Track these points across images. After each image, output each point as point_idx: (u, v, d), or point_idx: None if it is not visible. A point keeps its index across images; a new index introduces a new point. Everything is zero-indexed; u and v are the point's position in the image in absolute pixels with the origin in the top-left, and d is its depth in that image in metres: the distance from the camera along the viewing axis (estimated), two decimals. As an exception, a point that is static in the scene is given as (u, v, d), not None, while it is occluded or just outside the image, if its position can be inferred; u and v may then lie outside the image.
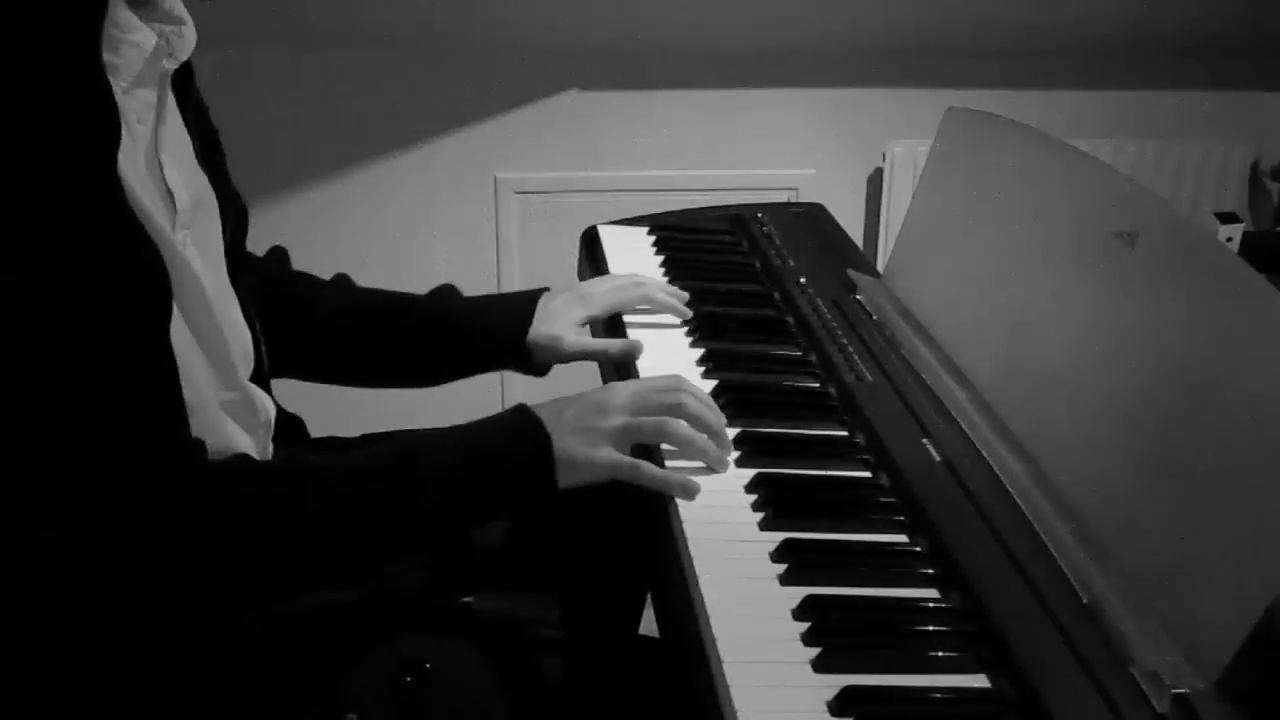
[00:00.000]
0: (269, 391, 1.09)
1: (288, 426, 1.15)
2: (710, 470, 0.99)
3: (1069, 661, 0.78)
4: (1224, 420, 0.80)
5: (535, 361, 1.24)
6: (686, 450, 0.99)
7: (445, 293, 1.27)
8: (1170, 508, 0.83)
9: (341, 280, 1.28)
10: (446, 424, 0.99)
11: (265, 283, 1.19)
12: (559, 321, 1.23)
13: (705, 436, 1.00)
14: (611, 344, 1.23)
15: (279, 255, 1.27)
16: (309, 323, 1.22)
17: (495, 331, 1.23)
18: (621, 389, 1.01)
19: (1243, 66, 2.41)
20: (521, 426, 0.97)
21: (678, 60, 2.29)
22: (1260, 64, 2.41)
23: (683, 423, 0.99)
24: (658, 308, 1.28)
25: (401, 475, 0.92)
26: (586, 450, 0.95)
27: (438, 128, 2.30)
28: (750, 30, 2.26)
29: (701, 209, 1.62)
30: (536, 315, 1.23)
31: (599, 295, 1.26)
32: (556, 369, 1.26)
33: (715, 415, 1.01)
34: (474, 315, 1.24)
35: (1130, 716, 0.74)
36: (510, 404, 0.99)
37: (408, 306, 1.25)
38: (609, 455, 0.96)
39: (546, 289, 1.27)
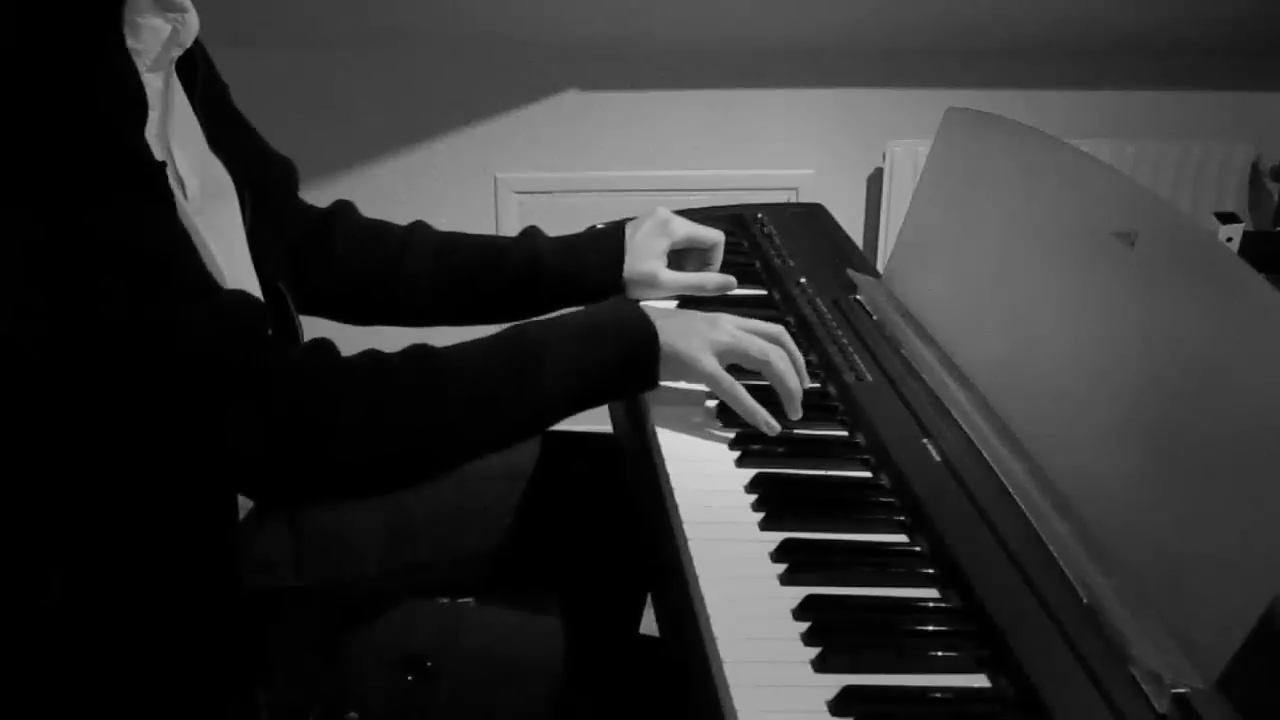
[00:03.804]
0: None
1: None
2: (712, 461, 1.01)
3: (1069, 661, 0.78)
4: (1224, 420, 0.80)
5: (629, 297, 1.26)
6: (779, 383, 1.04)
7: (534, 233, 1.30)
8: (1170, 507, 0.83)
9: (422, 225, 1.30)
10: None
11: (349, 229, 1.24)
12: (647, 255, 1.26)
13: (796, 383, 1.04)
14: (708, 278, 1.28)
15: (348, 205, 1.29)
16: (402, 265, 1.25)
17: (591, 272, 1.26)
18: (729, 316, 1.07)
19: (1243, 66, 2.41)
20: (629, 314, 1.03)
21: (678, 60, 2.29)
22: (1260, 64, 2.41)
23: (785, 357, 1.04)
24: (710, 264, 1.32)
25: (521, 357, 0.97)
26: (691, 352, 1.02)
27: (438, 128, 2.30)
28: (750, 30, 2.26)
29: (701, 209, 1.62)
30: (627, 252, 1.26)
31: (680, 224, 1.29)
32: None
33: (804, 374, 1.07)
34: (566, 256, 1.27)
35: (1130, 716, 0.74)
36: None
37: (502, 249, 1.28)
38: (712, 363, 1.02)
39: (631, 218, 1.30)
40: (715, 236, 1.31)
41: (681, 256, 1.33)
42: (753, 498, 0.96)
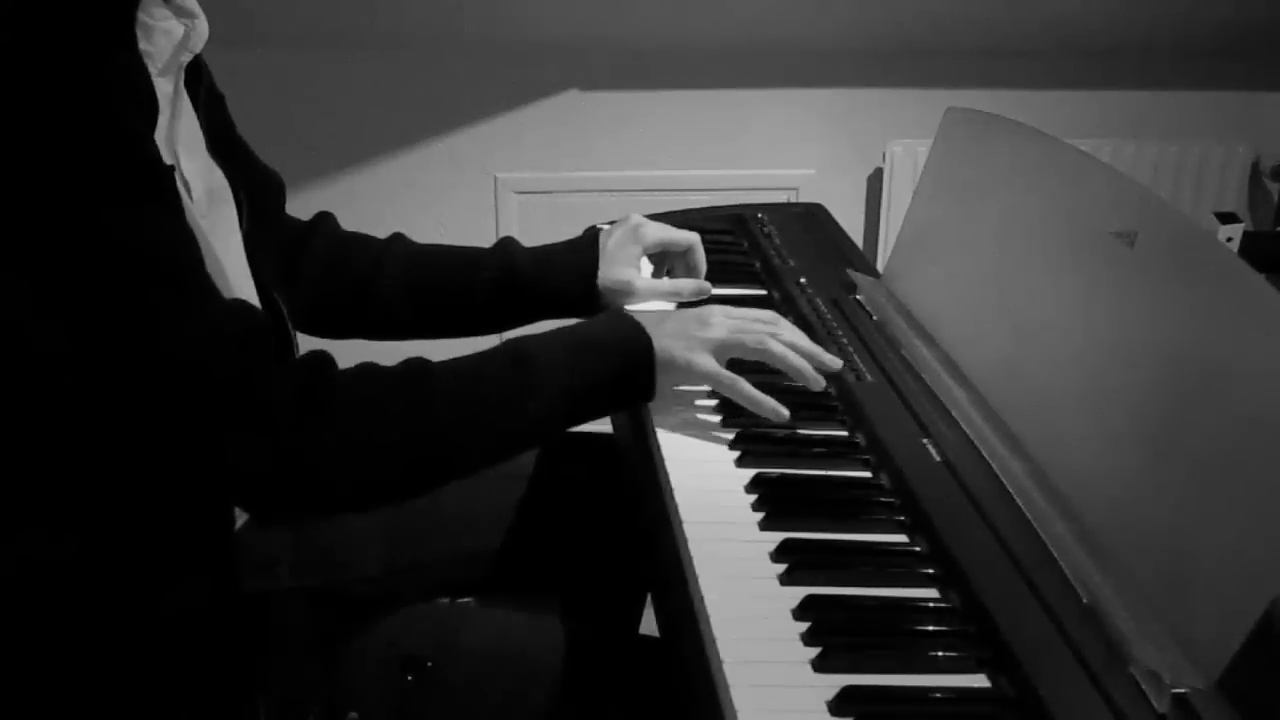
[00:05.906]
0: None
1: None
2: (710, 454, 1.01)
3: (1069, 661, 0.78)
4: (1224, 420, 0.80)
5: (601, 305, 1.25)
6: (783, 364, 1.05)
7: (508, 245, 1.28)
8: (1170, 507, 0.83)
9: (400, 239, 1.30)
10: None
11: (324, 244, 1.23)
12: (621, 263, 1.25)
13: (801, 359, 1.05)
14: (683, 284, 1.26)
15: (328, 218, 1.29)
16: (376, 281, 1.24)
17: (564, 283, 1.25)
18: (719, 309, 1.07)
19: (1243, 66, 2.41)
20: (623, 326, 1.03)
21: (678, 60, 2.29)
22: (1260, 64, 2.41)
23: (781, 344, 1.04)
24: (693, 265, 1.30)
25: (516, 372, 0.97)
26: (686, 354, 1.02)
27: (438, 128, 2.30)
28: (751, 30, 2.26)
29: (701, 209, 1.62)
30: (601, 260, 1.25)
31: (651, 229, 1.28)
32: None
33: (811, 343, 1.07)
34: (540, 267, 1.25)
35: (1130, 716, 0.74)
36: None
37: (476, 262, 1.26)
38: (710, 364, 1.02)
39: (601, 228, 1.29)
40: (689, 239, 1.29)
41: (666, 261, 1.33)
42: (753, 498, 0.96)
